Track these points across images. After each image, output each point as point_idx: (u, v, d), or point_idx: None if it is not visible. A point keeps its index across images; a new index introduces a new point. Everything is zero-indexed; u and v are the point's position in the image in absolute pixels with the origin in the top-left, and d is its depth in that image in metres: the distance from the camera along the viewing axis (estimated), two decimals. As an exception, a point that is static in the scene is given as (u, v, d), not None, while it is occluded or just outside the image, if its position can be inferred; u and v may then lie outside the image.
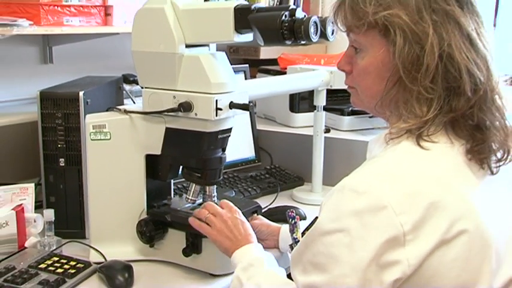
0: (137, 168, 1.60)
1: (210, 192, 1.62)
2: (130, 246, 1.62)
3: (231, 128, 1.57)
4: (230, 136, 1.59)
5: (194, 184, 1.61)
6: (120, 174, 1.60)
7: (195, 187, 1.61)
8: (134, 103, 2.18)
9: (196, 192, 1.62)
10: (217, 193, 1.64)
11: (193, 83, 1.48)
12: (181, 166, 1.63)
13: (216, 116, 1.46)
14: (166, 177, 1.64)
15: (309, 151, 2.18)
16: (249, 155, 2.41)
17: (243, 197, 2.10)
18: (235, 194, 2.08)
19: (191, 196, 1.62)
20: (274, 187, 2.24)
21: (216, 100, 1.45)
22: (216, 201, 1.62)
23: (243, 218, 1.53)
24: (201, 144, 1.53)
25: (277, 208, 1.99)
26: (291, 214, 1.53)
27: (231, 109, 1.49)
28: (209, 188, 1.62)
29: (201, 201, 1.64)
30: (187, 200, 1.62)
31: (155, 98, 1.54)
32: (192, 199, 1.62)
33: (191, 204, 1.63)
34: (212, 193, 1.62)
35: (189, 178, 1.60)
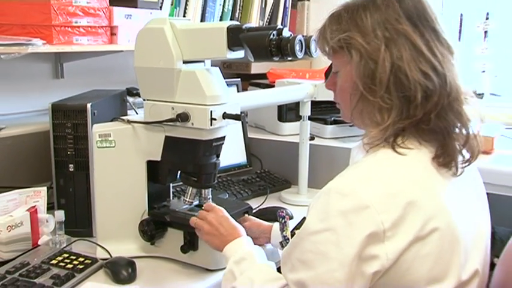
0: (139, 173, 1.59)
1: (206, 194, 1.61)
2: (133, 243, 1.61)
3: (225, 136, 1.56)
4: (224, 143, 1.58)
5: (191, 187, 1.60)
6: (123, 178, 1.59)
7: (192, 190, 1.61)
8: (137, 114, 2.16)
9: (193, 194, 1.61)
10: (212, 195, 1.63)
11: (190, 96, 1.47)
12: (179, 171, 1.62)
13: (211, 126, 1.46)
14: (165, 181, 1.63)
15: (296, 157, 2.18)
16: (241, 161, 2.40)
17: (236, 199, 2.10)
18: (228, 196, 2.09)
19: (188, 198, 1.61)
20: (264, 189, 2.23)
21: (211, 111, 1.45)
22: (211, 202, 1.60)
23: (227, 215, 1.52)
24: (197, 151, 1.52)
25: (266, 209, 1.98)
26: (281, 214, 1.53)
27: (225, 119, 1.49)
28: (205, 191, 1.61)
29: (198, 202, 1.63)
30: (184, 202, 1.62)
31: (155, 109, 1.53)
32: (189, 201, 1.61)
33: (188, 205, 1.62)
34: (207, 195, 1.61)
35: (187, 182, 1.59)
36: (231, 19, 2.70)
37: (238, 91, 2.48)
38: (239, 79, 2.56)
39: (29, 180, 1.85)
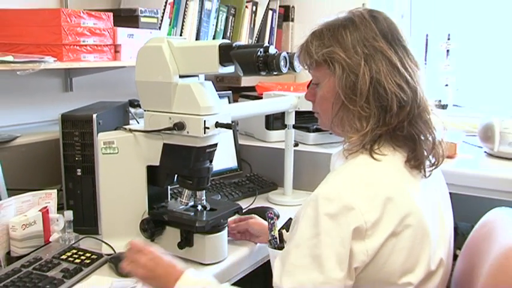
0: (140, 176, 1.58)
1: (200, 196, 1.60)
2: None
3: (217, 143, 1.55)
4: (216, 150, 1.57)
5: (187, 189, 1.59)
6: (126, 181, 1.58)
7: (188, 192, 1.59)
8: (138, 123, 2.15)
9: (188, 196, 1.59)
10: (206, 196, 1.62)
11: (185, 107, 1.47)
12: (176, 175, 1.60)
13: (205, 134, 1.45)
14: (163, 184, 1.62)
15: (282, 161, 2.17)
16: (232, 165, 2.39)
17: (227, 200, 2.08)
18: (220, 197, 2.07)
19: (184, 199, 1.59)
20: (253, 191, 2.22)
21: (205, 120, 1.44)
22: (205, 203, 1.61)
23: (157, 253, 1.30)
24: (192, 156, 1.51)
25: (255, 208, 1.96)
26: (270, 215, 1.51)
27: (217, 128, 1.48)
28: (199, 193, 1.60)
29: (193, 203, 1.61)
30: (181, 203, 1.60)
31: (154, 119, 1.52)
32: (185, 202, 1.59)
33: (184, 206, 1.61)
34: (202, 197, 1.60)
35: (183, 184, 1.58)
36: (223, 38, 2.70)
37: (229, 102, 2.47)
38: (230, 91, 2.55)
39: (41, 183, 1.84)
